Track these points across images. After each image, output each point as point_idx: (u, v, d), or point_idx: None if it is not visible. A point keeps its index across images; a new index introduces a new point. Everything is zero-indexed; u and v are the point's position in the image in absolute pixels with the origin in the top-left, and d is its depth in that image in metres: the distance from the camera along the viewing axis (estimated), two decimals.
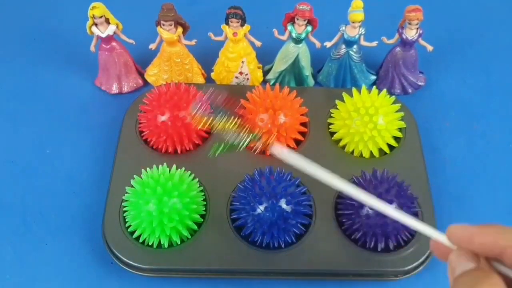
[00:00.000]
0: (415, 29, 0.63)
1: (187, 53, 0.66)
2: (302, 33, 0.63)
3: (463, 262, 0.30)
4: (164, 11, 0.61)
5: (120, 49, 0.66)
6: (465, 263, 0.30)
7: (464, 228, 0.31)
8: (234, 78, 0.67)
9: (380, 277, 0.53)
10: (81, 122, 0.66)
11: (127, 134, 0.61)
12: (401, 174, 0.54)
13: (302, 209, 0.52)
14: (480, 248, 0.30)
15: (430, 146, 0.64)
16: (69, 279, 0.54)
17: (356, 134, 0.58)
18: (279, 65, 0.68)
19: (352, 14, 0.61)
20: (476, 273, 0.29)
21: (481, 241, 0.30)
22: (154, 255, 0.52)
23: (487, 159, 0.64)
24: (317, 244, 0.53)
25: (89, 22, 0.62)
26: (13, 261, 0.55)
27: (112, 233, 0.53)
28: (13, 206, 0.59)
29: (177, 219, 0.51)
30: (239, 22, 0.61)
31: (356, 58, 0.66)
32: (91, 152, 0.63)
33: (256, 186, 0.52)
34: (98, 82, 0.69)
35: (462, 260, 0.30)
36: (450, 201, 0.60)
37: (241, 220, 0.53)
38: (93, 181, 0.60)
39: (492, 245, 0.29)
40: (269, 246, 0.52)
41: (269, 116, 0.58)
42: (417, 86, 0.70)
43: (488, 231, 0.30)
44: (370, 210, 0.51)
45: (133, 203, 0.52)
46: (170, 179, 0.52)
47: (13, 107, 0.68)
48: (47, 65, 0.72)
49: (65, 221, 0.57)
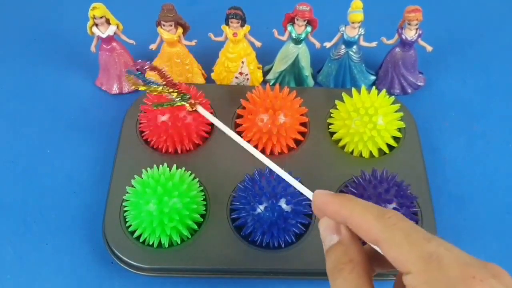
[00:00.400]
0: (415, 30, 0.64)
1: (187, 53, 0.66)
2: (302, 34, 0.64)
3: (329, 235, 0.31)
4: (164, 11, 0.61)
5: (120, 49, 0.66)
6: (330, 236, 0.31)
7: (324, 195, 0.32)
8: (234, 78, 0.67)
9: (380, 276, 0.53)
10: (81, 122, 0.66)
11: (127, 134, 0.61)
12: (400, 174, 0.54)
13: (302, 209, 0.52)
14: (333, 216, 0.31)
15: (429, 146, 0.64)
16: (70, 279, 0.54)
17: (356, 134, 0.58)
18: (279, 66, 0.68)
19: (351, 14, 0.62)
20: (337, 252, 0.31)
21: (331, 209, 0.31)
22: (154, 255, 0.52)
23: (487, 159, 0.64)
24: (317, 243, 0.52)
25: (90, 22, 0.62)
26: (13, 261, 0.55)
27: (113, 233, 0.53)
28: (13, 206, 0.59)
29: (177, 219, 0.51)
30: (239, 22, 0.61)
31: (356, 59, 0.66)
32: (91, 152, 0.63)
33: (256, 186, 0.52)
34: (98, 82, 0.70)
35: (328, 232, 0.32)
36: (450, 201, 0.60)
37: (241, 220, 0.53)
38: (93, 181, 0.60)
39: (338, 213, 0.31)
40: (269, 246, 0.53)
41: (269, 116, 0.58)
42: (416, 86, 0.70)
43: (336, 200, 0.31)
44: None
45: (133, 203, 0.52)
46: (171, 179, 0.52)
47: (13, 107, 0.68)
48: (47, 65, 0.72)
49: (65, 221, 0.58)
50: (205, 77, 0.70)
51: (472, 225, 0.59)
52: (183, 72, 0.67)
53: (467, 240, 0.57)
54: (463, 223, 0.59)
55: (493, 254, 0.56)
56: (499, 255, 0.56)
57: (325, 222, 0.32)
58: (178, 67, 0.67)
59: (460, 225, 0.58)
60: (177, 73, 0.67)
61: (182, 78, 0.68)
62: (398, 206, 0.51)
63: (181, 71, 0.67)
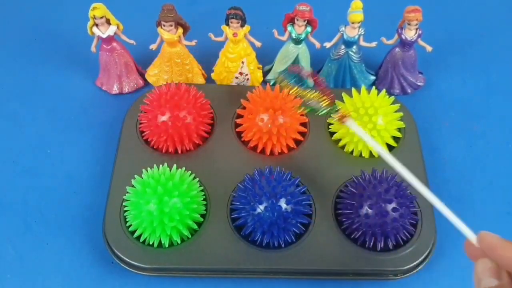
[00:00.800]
0: (414, 30, 0.64)
1: (187, 53, 0.66)
2: (301, 34, 0.64)
3: (488, 278, 0.32)
4: (164, 11, 0.61)
5: (120, 49, 0.66)
6: (489, 279, 0.32)
7: (493, 237, 0.34)
8: (234, 78, 0.67)
9: (380, 276, 0.53)
10: (81, 122, 0.66)
11: (127, 134, 0.61)
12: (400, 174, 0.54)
13: (301, 209, 0.53)
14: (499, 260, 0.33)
15: (429, 146, 0.64)
16: (70, 279, 0.54)
17: (356, 134, 0.58)
18: (279, 66, 0.68)
19: (351, 14, 0.62)
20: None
21: (501, 253, 0.33)
22: (154, 255, 0.52)
23: (486, 159, 0.64)
24: (316, 243, 0.53)
25: (90, 22, 0.62)
26: (13, 261, 0.55)
27: (113, 232, 0.53)
28: (14, 206, 0.59)
29: (177, 219, 0.51)
30: (239, 22, 0.61)
31: (356, 59, 0.66)
32: (91, 152, 0.63)
33: (256, 186, 0.52)
34: (99, 83, 0.70)
35: (487, 274, 0.33)
36: (449, 201, 0.60)
37: (241, 220, 0.53)
38: (93, 181, 0.61)
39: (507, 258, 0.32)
40: (269, 246, 0.53)
41: (269, 116, 0.58)
42: (416, 86, 0.70)
43: (507, 245, 0.33)
44: (369, 210, 0.51)
45: (133, 203, 0.52)
46: (171, 179, 0.52)
47: (14, 107, 0.68)
48: (48, 65, 0.72)
49: (65, 220, 0.58)
50: (205, 77, 0.70)
51: (472, 225, 0.58)
52: (183, 72, 0.67)
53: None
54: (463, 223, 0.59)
55: None
56: None
57: (485, 264, 0.33)
58: (178, 67, 0.67)
59: None
60: (177, 73, 0.67)
61: (182, 78, 0.68)
62: (398, 206, 0.51)
63: (181, 71, 0.67)
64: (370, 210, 0.51)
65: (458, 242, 0.58)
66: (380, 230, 0.51)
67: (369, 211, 0.51)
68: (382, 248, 0.52)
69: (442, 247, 0.55)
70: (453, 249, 0.57)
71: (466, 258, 0.55)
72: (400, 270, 0.52)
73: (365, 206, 0.51)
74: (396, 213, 0.51)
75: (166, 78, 0.68)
